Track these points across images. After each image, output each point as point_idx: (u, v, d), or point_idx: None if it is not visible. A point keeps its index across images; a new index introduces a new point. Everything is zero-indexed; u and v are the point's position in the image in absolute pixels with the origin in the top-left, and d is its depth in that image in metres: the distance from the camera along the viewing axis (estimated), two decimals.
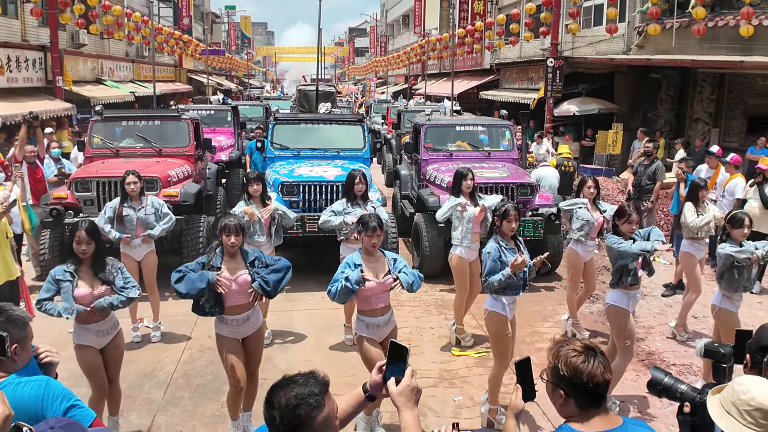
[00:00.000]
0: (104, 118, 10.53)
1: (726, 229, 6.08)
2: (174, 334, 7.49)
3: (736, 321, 6.01)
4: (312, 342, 7.39)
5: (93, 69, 24.99)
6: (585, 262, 7.65)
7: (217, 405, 5.86)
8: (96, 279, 4.93)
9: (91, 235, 4.87)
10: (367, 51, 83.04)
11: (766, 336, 3.15)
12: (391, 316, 5.32)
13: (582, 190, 7.66)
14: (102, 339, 5.00)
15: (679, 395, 2.85)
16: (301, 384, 2.19)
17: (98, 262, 4.96)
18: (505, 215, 5.46)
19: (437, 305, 8.63)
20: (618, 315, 5.80)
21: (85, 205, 9.00)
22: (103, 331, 4.99)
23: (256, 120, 20.47)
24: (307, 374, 2.25)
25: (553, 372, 2.47)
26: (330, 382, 2.33)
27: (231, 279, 4.97)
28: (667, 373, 2.94)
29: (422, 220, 9.53)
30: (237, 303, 5.05)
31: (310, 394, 2.17)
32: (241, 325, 5.09)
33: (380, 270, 5.14)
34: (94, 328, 4.94)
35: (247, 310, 5.10)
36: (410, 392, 2.43)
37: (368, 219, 5.17)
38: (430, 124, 11.10)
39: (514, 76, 26.73)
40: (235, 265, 5.06)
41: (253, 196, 7.21)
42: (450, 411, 5.87)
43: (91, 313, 4.88)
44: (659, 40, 17.45)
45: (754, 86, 17.56)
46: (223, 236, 5.01)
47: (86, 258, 4.90)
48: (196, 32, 46.22)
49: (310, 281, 9.18)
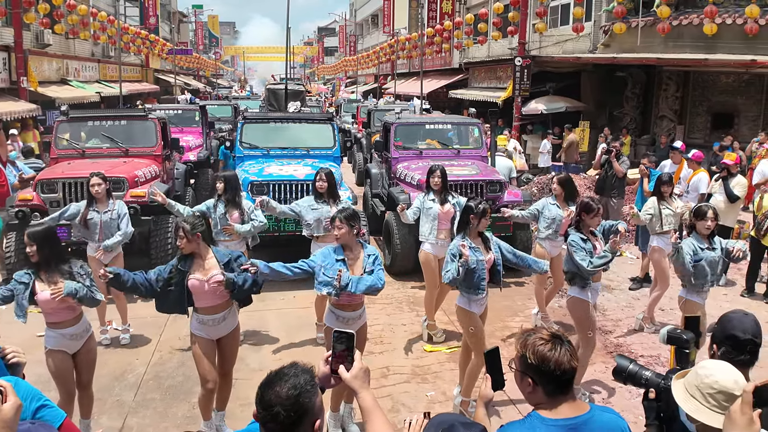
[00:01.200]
0: (70, 119, 10.37)
1: (691, 221, 6.19)
2: (143, 336, 7.41)
3: (703, 312, 6.13)
4: (284, 341, 7.36)
5: (58, 69, 24.57)
6: (553, 257, 7.75)
7: (189, 406, 5.81)
8: (56, 281, 4.82)
9: (32, 238, 4.79)
10: (336, 50, 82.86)
11: (732, 325, 3.22)
12: (363, 312, 5.33)
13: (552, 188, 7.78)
14: (75, 343, 4.93)
15: (644, 381, 2.91)
16: (293, 375, 2.18)
17: (55, 266, 4.86)
18: (484, 214, 5.47)
19: (409, 302, 8.67)
20: (579, 306, 5.89)
21: (51, 207, 8.84)
22: (77, 335, 4.93)
23: (225, 119, 20.32)
24: (291, 366, 2.24)
25: (521, 360, 2.51)
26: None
27: (203, 280, 4.91)
28: (631, 361, 2.99)
29: (393, 218, 9.55)
30: (213, 303, 5.00)
31: (305, 382, 2.18)
32: (217, 324, 5.06)
33: (358, 266, 5.12)
34: (68, 332, 4.88)
35: (223, 310, 5.06)
36: (363, 374, 2.45)
37: (335, 213, 5.25)
38: (399, 122, 11.14)
39: (482, 75, 26.91)
40: (207, 265, 4.98)
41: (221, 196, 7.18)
42: (423, 406, 5.89)
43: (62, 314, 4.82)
44: (625, 39, 17.72)
45: (718, 83, 17.93)
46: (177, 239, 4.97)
47: (35, 260, 4.82)
48: (163, 32, 45.69)
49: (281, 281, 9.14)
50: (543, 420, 2.41)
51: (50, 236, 4.97)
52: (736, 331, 3.18)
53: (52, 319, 4.88)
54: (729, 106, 17.78)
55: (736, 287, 9.45)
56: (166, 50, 40.49)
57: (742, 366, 3.14)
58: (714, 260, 6.01)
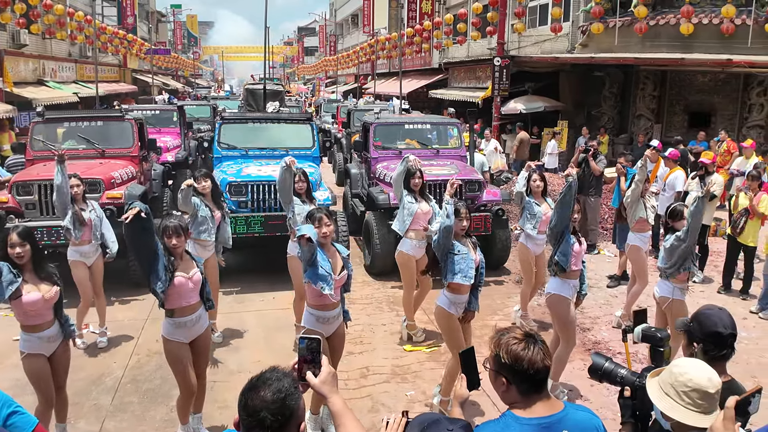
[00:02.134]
0: (46, 120, 10.24)
1: (669, 224, 6.28)
2: (121, 339, 7.33)
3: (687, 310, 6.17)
4: (262, 342, 7.33)
5: (35, 70, 24.26)
6: (536, 255, 7.81)
7: (167, 409, 5.76)
8: (41, 282, 4.73)
9: (24, 236, 4.65)
10: (316, 50, 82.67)
11: (713, 321, 3.23)
12: (340, 310, 5.30)
13: (529, 185, 7.81)
14: (50, 345, 4.83)
15: (619, 379, 2.93)
16: (276, 379, 2.15)
17: (39, 266, 4.76)
18: (456, 215, 5.41)
19: (389, 302, 8.66)
20: (559, 303, 5.94)
21: (26, 209, 8.74)
22: (53, 337, 4.82)
23: (203, 120, 20.18)
24: (272, 370, 2.20)
25: (495, 360, 2.51)
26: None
27: (187, 277, 4.94)
28: (607, 359, 3.02)
29: (373, 218, 9.55)
30: (191, 302, 5.00)
31: (289, 385, 2.16)
32: (193, 325, 5.04)
33: (336, 265, 5.12)
34: (44, 334, 4.77)
35: (198, 309, 5.07)
36: (332, 379, 2.42)
37: (314, 211, 5.23)
38: (379, 122, 11.13)
39: (462, 75, 27.00)
40: (186, 265, 5.01)
41: (203, 195, 7.12)
42: (402, 406, 5.89)
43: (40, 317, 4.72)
44: (602, 39, 17.88)
45: (695, 83, 18.13)
46: (165, 238, 4.89)
47: (23, 262, 4.66)
48: (141, 31, 45.29)
49: (260, 282, 9.12)
50: (517, 419, 2.42)
51: (33, 235, 4.87)
52: (719, 328, 3.20)
53: (30, 322, 4.74)
54: (706, 105, 18.00)
55: (713, 284, 9.55)
56: (144, 50, 40.14)
57: (722, 360, 3.19)
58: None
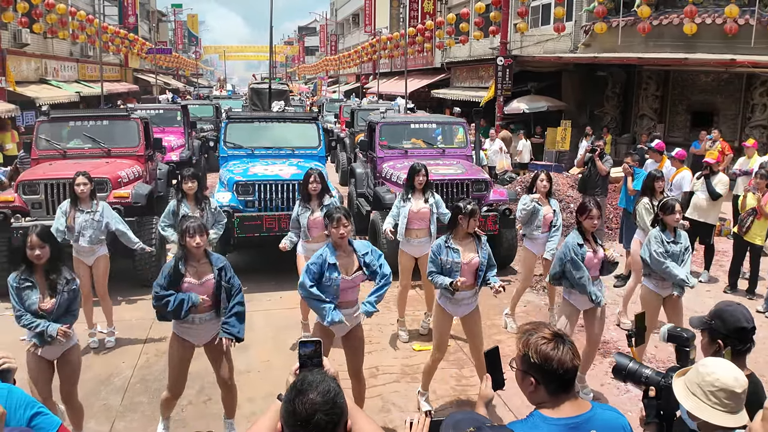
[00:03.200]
0: (51, 119, 10.23)
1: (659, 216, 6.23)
2: (129, 339, 7.32)
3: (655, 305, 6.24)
4: (271, 342, 7.32)
5: (37, 69, 24.27)
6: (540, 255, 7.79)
7: (177, 409, 5.72)
8: (47, 289, 4.69)
9: (44, 238, 4.65)
10: (317, 50, 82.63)
11: (737, 318, 3.23)
12: (357, 311, 5.18)
13: (535, 184, 7.79)
14: (54, 349, 4.75)
15: (643, 379, 2.92)
16: (320, 380, 2.11)
17: (53, 269, 4.71)
18: (473, 214, 5.37)
19: (395, 301, 8.61)
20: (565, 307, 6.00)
21: (32, 208, 8.73)
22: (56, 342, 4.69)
23: (206, 119, 20.19)
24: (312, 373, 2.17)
25: (523, 360, 2.49)
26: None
27: (196, 284, 4.82)
28: (630, 359, 3.00)
29: (379, 217, 9.53)
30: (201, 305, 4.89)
31: (335, 384, 2.13)
32: (202, 324, 4.95)
33: (350, 266, 5.02)
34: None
35: (206, 312, 4.94)
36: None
37: (333, 210, 5.03)
38: (385, 121, 11.12)
39: (464, 74, 26.99)
40: (201, 268, 4.88)
41: (187, 194, 7.09)
42: (413, 405, 5.89)
43: None
44: (605, 39, 17.86)
45: (698, 82, 18.14)
46: (187, 238, 4.78)
47: (41, 263, 4.65)
48: (142, 31, 45.31)
49: (268, 281, 9.12)
50: (545, 419, 2.41)
51: (53, 236, 4.86)
52: (743, 323, 3.22)
53: None
54: (708, 105, 18.00)
55: (718, 284, 9.54)
56: (146, 50, 40.14)
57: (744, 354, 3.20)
58: (675, 253, 6.08)
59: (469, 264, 5.41)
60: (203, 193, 7.24)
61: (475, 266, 5.45)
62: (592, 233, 5.92)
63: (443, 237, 5.53)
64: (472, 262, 5.43)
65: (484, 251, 5.52)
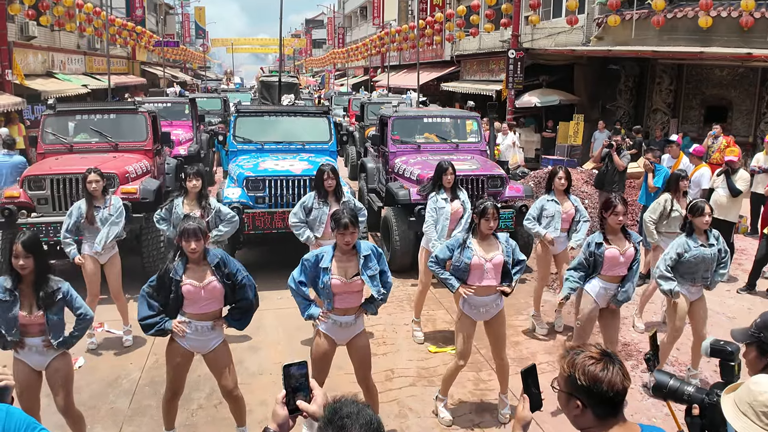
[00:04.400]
0: (57, 112, 10.04)
1: (688, 219, 6.05)
2: (136, 339, 7.13)
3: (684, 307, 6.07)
4: (283, 342, 7.15)
5: (44, 62, 24.11)
6: (556, 254, 7.59)
7: (187, 413, 5.58)
8: (35, 301, 4.40)
9: (29, 248, 4.29)
10: (324, 43, 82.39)
11: None
12: (358, 319, 4.95)
13: (553, 182, 7.55)
14: (41, 358, 4.49)
15: (686, 397, 2.73)
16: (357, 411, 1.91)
17: (40, 280, 4.39)
18: (483, 213, 5.20)
19: (409, 300, 8.44)
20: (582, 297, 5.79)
21: (38, 204, 8.56)
22: (37, 348, 4.46)
23: (214, 113, 20.00)
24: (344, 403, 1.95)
25: (569, 381, 2.31)
26: None
27: (199, 287, 4.58)
28: (671, 375, 2.81)
29: (392, 214, 9.35)
30: (204, 311, 4.67)
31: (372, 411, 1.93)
32: (204, 333, 4.71)
33: (350, 269, 4.78)
34: (29, 342, 4.44)
35: (207, 320, 4.71)
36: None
37: (340, 215, 4.73)
38: (397, 116, 10.91)
39: (474, 67, 26.71)
40: (200, 271, 4.63)
41: (189, 192, 6.90)
42: (430, 410, 5.71)
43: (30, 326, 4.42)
44: (618, 32, 17.59)
45: (711, 77, 17.84)
46: (183, 242, 4.54)
47: (26, 273, 4.33)
48: (150, 23, 45.12)
49: (279, 279, 8.85)
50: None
51: (41, 245, 4.58)
52: None
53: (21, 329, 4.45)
54: (722, 99, 17.71)
55: (738, 283, 9.32)
56: (153, 42, 39.97)
57: None
58: (707, 257, 5.90)
59: (492, 262, 5.22)
60: (206, 191, 7.02)
61: (499, 266, 5.25)
62: (624, 229, 5.70)
63: (466, 233, 5.36)
64: (494, 261, 5.23)
65: (507, 249, 5.31)
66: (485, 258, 5.22)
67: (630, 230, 5.82)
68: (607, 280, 5.68)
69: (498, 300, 5.38)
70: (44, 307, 4.40)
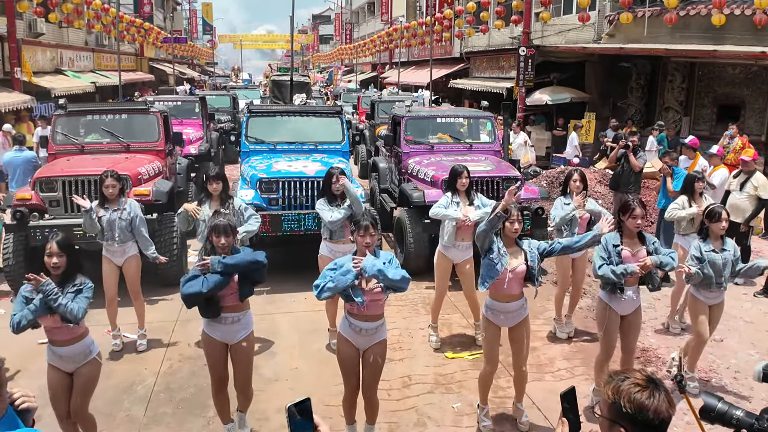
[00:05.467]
0: (68, 113, 9.97)
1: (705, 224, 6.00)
2: (151, 343, 7.07)
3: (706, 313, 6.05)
4: (298, 347, 7.06)
5: (52, 59, 24.08)
6: (574, 259, 7.48)
7: (204, 421, 5.51)
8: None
9: (64, 247, 4.55)
10: (331, 38, 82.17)
11: None
12: (382, 326, 4.90)
13: (568, 185, 7.44)
14: (69, 365, 4.63)
15: (735, 422, 2.63)
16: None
17: (68, 278, 4.59)
18: (508, 216, 5.11)
19: (424, 304, 8.36)
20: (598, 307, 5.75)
21: (50, 206, 8.49)
22: (70, 358, 4.60)
23: (223, 110, 19.92)
24: None
25: (613, 408, 2.23)
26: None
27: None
28: (719, 399, 2.71)
29: (406, 215, 9.25)
30: (227, 303, 4.84)
31: None
32: (230, 324, 4.87)
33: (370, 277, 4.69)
34: (59, 351, 4.57)
35: (234, 312, 4.88)
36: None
37: (360, 218, 4.87)
38: (410, 115, 10.78)
39: (484, 64, 26.55)
40: None
41: (212, 195, 6.82)
42: (450, 419, 5.63)
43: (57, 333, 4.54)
44: (630, 29, 17.42)
45: (724, 75, 17.66)
46: (213, 237, 4.78)
47: (58, 272, 4.55)
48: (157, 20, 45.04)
49: (291, 281, 8.85)
50: None
51: (73, 245, 4.73)
52: None
53: (48, 335, 4.62)
54: (735, 98, 17.52)
55: (755, 287, 9.19)
56: (161, 39, 39.91)
57: None
58: (718, 262, 5.85)
59: (514, 272, 5.12)
60: (228, 193, 6.95)
61: (521, 275, 5.17)
62: (641, 234, 5.61)
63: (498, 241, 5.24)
64: (517, 270, 5.14)
65: (532, 255, 5.22)
66: (508, 268, 5.13)
67: (645, 233, 5.72)
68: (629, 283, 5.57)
69: (522, 308, 5.32)
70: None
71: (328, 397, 5.80)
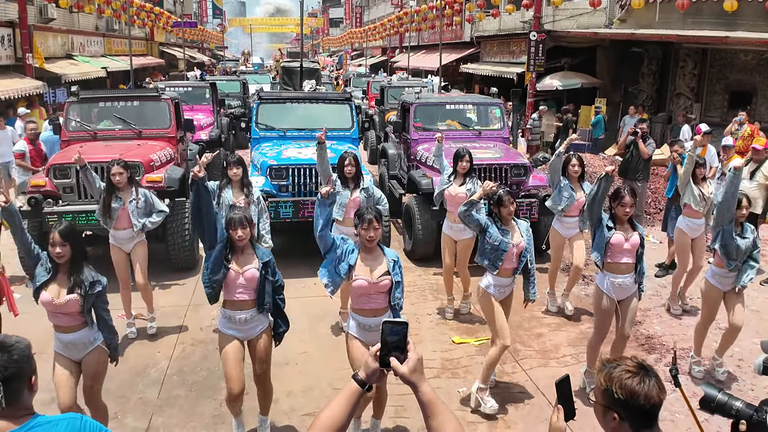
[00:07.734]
0: (81, 99, 10.08)
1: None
2: (164, 328, 7.21)
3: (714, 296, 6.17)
4: (307, 332, 7.18)
5: (63, 44, 24.20)
6: (569, 238, 7.76)
7: (216, 404, 5.64)
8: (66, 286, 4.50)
9: (66, 236, 4.44)
10: (341, 22, 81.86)
11: None
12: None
13: (567, 169, 7.58)
14: (74, 352, 4.62)
15: (734, 412, 2.71)
16: None
17: (75, 269, 4.52)
18: (500, 202, 5.51)
19: (432, 290, 8.47)
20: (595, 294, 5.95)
21: (64, 193, 8.63)
22: (75, 345, 4.59)
23: (234, 95, 19.96)
24: None
25: (605, 394, 2.35)
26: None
27: (239, 272, 4.74)
28: (719, 390, 2.79)
29: (414, 202, 9.33)
30: (240, 298, 4.80)
31: None
32: (243, 324, 4.83)
33: (376, 267, 4.75)
34: (64, 338, 4.57)
35: (250, 309, 4.83)
36: (421, 365, 2.15)
37: (364, 210, 4.79)
38: (419, 102, 10.83)
39: (495, 49, 26.46)
40: (244, 259, 4.81)
41: (232, 181, 6.92)
42: (455, 404, 5.74)
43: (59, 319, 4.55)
44: (642, 14, 17.33)
45: (736, 61, 17.56)
46: (230, 231, 4.72)
47: (62, 262, 4.48)
48: (167, 4, 45.07)
49: (301, 267, 8.94)
50: None
51: (77, 233, 4.70)
52: None
53: (52, 320, 4.61)
54: (747, 85, 17.43)
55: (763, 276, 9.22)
56: (171, 23, 39.93)
57: None
58: (741, 248, 5.89)
59: (518, 247, 5.52)
60: (248, 178, 7.06)
61: (521, 250, 5.52)
62: (631, 219, 5.72)
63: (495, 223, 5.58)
64: (520, 245, 5.53)
65: (528, 236, 5.63)
66: (513, 243, 5.51)
67: (637, 222, 5.82)
68: (614, 271, 5.69)
69: (513, 284, 5.73)
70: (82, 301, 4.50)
71: (337, 381, 5.92)
